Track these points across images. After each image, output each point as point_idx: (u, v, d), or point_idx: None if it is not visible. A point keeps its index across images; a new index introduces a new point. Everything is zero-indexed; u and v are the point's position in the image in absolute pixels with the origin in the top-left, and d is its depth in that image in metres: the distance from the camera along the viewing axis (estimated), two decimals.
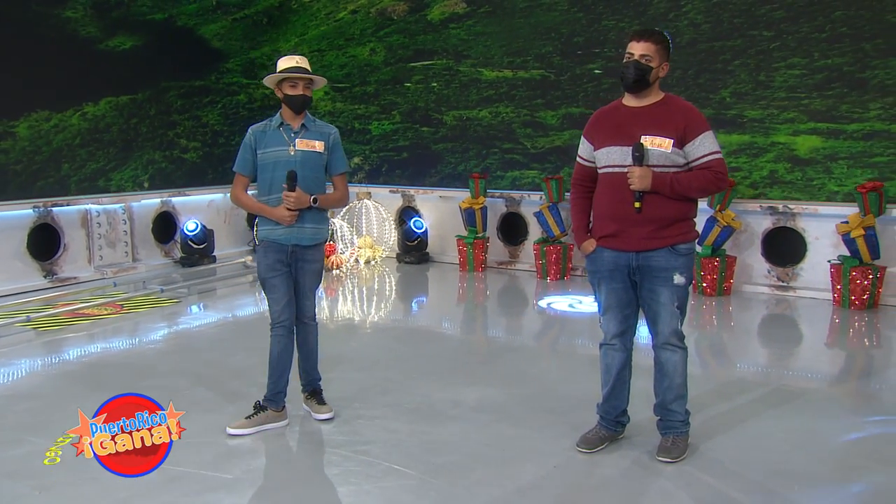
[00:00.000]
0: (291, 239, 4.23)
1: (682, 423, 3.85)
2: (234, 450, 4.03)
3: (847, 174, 7.25)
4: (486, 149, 9.19)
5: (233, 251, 10.26)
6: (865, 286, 6.83)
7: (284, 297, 4.27)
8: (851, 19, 7.08)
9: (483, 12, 9.36)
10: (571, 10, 8.67)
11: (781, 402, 4.62)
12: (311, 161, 4.25)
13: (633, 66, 3.63)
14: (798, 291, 7.49)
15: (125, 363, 5.66)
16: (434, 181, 9.67)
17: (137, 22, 9.45)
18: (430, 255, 9.73)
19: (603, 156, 3.75)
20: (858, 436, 4.15)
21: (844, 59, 7.13)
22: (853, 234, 6.78)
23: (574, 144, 8.24)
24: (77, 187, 8.80)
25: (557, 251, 8.40)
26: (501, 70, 9.13)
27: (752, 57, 7.61)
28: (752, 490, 3.47)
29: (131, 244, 9.30)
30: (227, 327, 6.92)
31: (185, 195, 9.92)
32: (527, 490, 3.55)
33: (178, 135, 9.16)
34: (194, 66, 10.08)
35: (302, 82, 4.21)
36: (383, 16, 10.13)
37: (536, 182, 8.80)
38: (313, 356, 4.48)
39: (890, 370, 5.54)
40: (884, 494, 3.45)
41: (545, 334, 6.86)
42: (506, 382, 5.03)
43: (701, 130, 3.63)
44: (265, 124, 4.32)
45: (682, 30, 7.88)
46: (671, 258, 3.65)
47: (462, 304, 8.14)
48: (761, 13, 7.55)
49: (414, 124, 9.85)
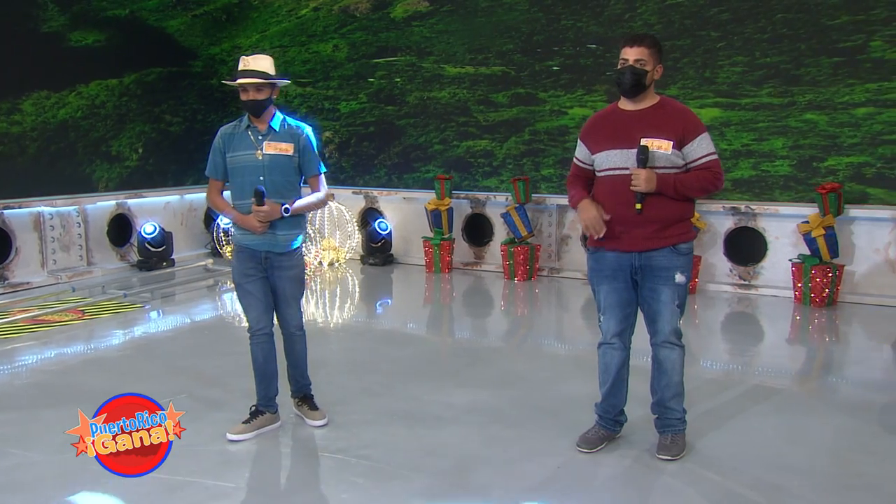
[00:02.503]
0: (264, 246, 4.09)
1: (680, 420, 3.92)
2: (232, 457, 3.94)
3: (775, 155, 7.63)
4: (444, 123, 9.44)
5: (191, 254, 10.06)
6: (825, 284, 7.08)
7: (260, 303, 4.15)
8: (790, 21, 7.49)
9: (445, 11, 9.51)
10: (532, 9, 8.90)
11: (762, 399, 4.75)
12: (280, 165, 4.07)
13: (630, 71, 3.69)
14: (759, 290, 7.72)
15: (98, 371, 5.48)
16: (398, 150, 9.81)
17: (100, 18, 9.43)
18: (394, 257, 9.70)
19: (602, 159, 3.80)
20: (843, 429, 4.30)
21: (782, 57, 7.54)
22: (814, 234, 7.02)
23: (521, 118, 8.73)
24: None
25: (525, 252, 8.46)
26: (464, 66, 9.32)
27: (700, 55, 7.95)
28: (757, 485, 3.57)
29: (86, 247, 9.02)
30: (197, 332, 6.76)
31: (142, 197, 9.66)
32: (534, 491, 3.57)
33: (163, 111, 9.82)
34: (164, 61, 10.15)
35: (252, 87, 3.99)
36: (346, 13, 10.19)
37: (488, 150, 9.12)
38: (301, 364, 4.36)
39: (856, 366, 5.74)
40: (879, 485, 3.58)
41: (524, 334, 6.90)
42: (495, 383, 5.05)
43: (699, 132, 3.71)
44: (234, 125, 4.16)
45: (636, 29, 8.19)
46: (673, 257, 3.72)
47: (435, 305, 8.13)
48: (710, 15, 7.89)
49: (379, 103, 9.98)
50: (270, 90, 4.05)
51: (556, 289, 8.29)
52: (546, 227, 8.84)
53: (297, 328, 4.26)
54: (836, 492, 3.52)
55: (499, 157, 9.09)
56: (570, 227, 8.72)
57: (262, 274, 4.14)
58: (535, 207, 8.75)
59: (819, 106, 7.38)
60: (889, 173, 7.15)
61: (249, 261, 4.12)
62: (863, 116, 7.20)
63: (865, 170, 7.25)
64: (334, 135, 10.39)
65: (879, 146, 7.17)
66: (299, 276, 4.22)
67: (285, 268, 4.14)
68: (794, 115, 7.50)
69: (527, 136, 8.85)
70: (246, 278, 4.13)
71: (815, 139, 7.42)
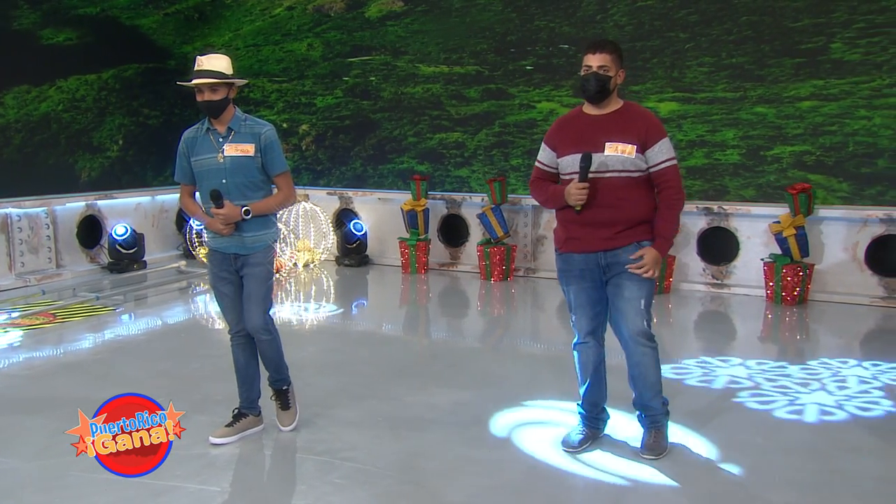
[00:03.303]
0: (231, 248, 4.04)
1: (662, 415, 3.97)
2: (215, 460, 3.91)
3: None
4: (418, 116, 9.52)
5: (163, 255, 9.93)
6: (796, 283, 7.22)
7: (238, 304, 4.11)
8: (755, 24, 7.70)
9: (420, 11, 9.56)
10: (505, 10, 9.01)
11: (737, 397, 4.82)
12: (242, 167, 3.97)
13: (594, 77, 3.75)
14: (732, 289, 7.85)
15: (73, 375, 5.39)
16: (373, 142, 9.85)
17: (71, 16, 9.35)
18: (369, 258, 9.67)
19: (568, 163, 3.83)
20: (818, 426, 4.39)
21: (746, 58, 7.74)
22: (785, 234, 7.15)
23: (491, 112, 8.90)
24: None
25: (501, 252, 8.50)
26: (438, 65, 9.40)
27: (669, 56, 8.11)
28: (740, 481, 3.63)
29: (55, 250, 8.86)
30: (173, 335, 6.69)
31: (112, 198, 9.52)
32: (522, 492, 3.59)
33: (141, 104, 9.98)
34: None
35: (207, 87, 3.90)
36: (320, 12, 10.21)
37: (460, 141, 9.23)
38: (272, 364, 4.18)
39: (828, 363, 5.86)
40: (858, 481, 3.66)
41: (504, 335, 6.92)
42: (476, 384, 5.07)
43: (660, 137, 3.77)
44: (196, 129, 4.08)
45: (607, 30, 8.36)
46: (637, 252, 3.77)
47: (412, 306, 8.13)
48: (678, 17, 8.06)
49: (355, 98, 10.01)
50: (227, 90, 3.96)
51: (533, 289, 8.34)
52: (522, 227, 8.89)
53: (261, 330, 4.06)
54: (817, 487, 3.59)
55: (470, 149, 9.20)
56: (546, 228, 8.77)
57: (235, 276, 4.09)
58: (510, 208, 8.80)
59: (768, 100, 7.65)
60: (827, 160, 7.44)
61: (222, 263, 4.09)
62: (807, 109, 7.49)
63: (807, 158, 7.52)
64: (311, 128, 10.40)
65: (820, 136, 7.45)
66: (264, 273, 4.06)
67: (251, 264, 4.04)
68: (745, 109, 7.76)
69: (497, 128, 8.99)
70: (220, 281, 4.11)
71: (763, 130, 7.70)
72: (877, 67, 7.16)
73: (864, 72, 7.22)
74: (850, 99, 7.26)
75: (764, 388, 5.05)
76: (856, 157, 7.29)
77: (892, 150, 7.13)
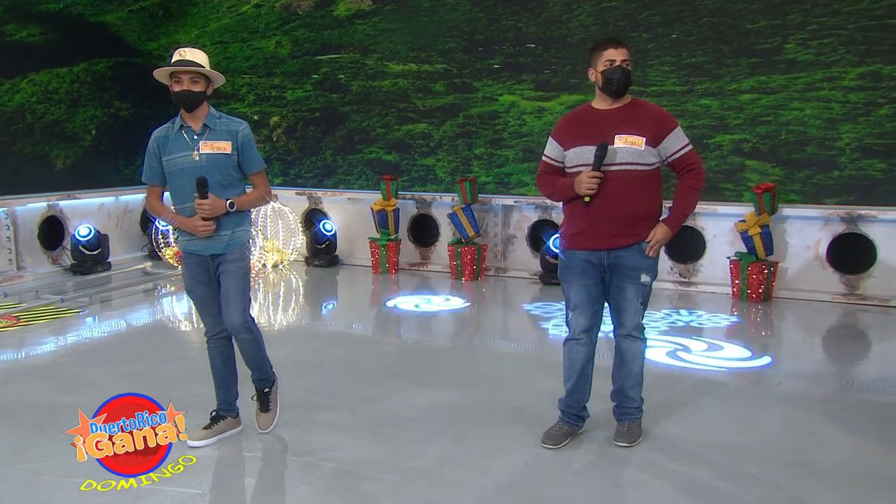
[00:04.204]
0: (208, 249, 3.96)
1: (637, 409, 4.07)
2: (196, 463, 3.85)
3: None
4: (386, 109, 9.62)
5: (127, 257, 9.77)
6: (761, 280, 7.37)
7: (214, 307, 4.05)
8: (715, 25, 7.94)
9: (388, 10, 9.59)
10: (473, 10, 9.11)
11: (709, 392, 4.91)
12: (218, 164, 3.90)
13: (621, 70, 3.82)
14: (699, 286, 7.99)
15: (40, 379, 5.26)
16: (343, 133, 9.92)
17: (33, 13, 9.21)
18: (339, 258, 9.63)
19: (576, 155, 3.87)
20: (790, 420, 4.50)
21: (706, 57, 7.96)
22: (751, 232, 7.30)
23: (456, 104, 9.05)
24: None
25: (472, 252, 8.53)
26: (407, 63, 9.46)
27: (632, 55, 8.14)
28: (719, 475, 3.70)
29: (15, 251, 8.67)
30: (143, 337, 6.59)
31: (75, 198, 9.33)
32: (505, 488, 3.61)
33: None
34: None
35: (187, 77, 3.82)
36: (288, 10, 10.19)
37: (426, 132, 9.34)
38: (254, 363, 4.12)
39: (793, 359, 6.01)
40: (830, 472, 3.76)
41: (478, 334, 6.94)
42: (454, 383, 5.08)
43: (673, 126, 3.87)
44: (167, 128, 3.98)
45: (573, 30, 8.52)
46: (640, 258, 3.84)
47: (384, 306, 8.11)
48: (641, 17, 8.25)
49: (324, 91, 10.03)
50: (206, 84, 3.90)
51: (503, 288, 8.39)
52: (492, 227, 8.94)
53: (242, 329, 3.98)
54: (792, 479, 3.67)
55: (435, 139, 9.33)
56: (516, 227, 8.83)
57: (212, 278, 4.03)
58: (481, 208, 8.83)
59: (712, 93, 7.92)
60: (762, 147, 7.74)
61: (198, 266, 4.01)
62: (746, 101, 7.78)
63: (744, 145, 7.82)
64: (282, 120, 10.38)
65: (757, 126, 7.75)
66: (240, 269, 4.00)
67: (228, 261, 3.97)
68: (691, 101, 8.02)
69: (461, 119, 9.14)
70: (196, 284, 4.04)
71: (707, 120, 7.98)
72: (826, 67, 7.44)
73: (803, 68, 7.53)
74: (786, 92, 7.61)
75: (730, 383, 5.16)
76: (787, 145, 7.65)
77: (819, 138, 7.50)
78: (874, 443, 4.08)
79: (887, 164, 7.21)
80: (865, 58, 7.22)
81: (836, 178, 7.41)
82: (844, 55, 7.33)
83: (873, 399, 4.91)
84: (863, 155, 7.29)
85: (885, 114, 7.18)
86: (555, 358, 4.34)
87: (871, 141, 7.24)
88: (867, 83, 7.24)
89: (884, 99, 7.18)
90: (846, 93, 7.32)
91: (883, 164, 7.22)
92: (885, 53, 7.15)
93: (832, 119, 7.39)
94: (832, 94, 7.38)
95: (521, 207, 8.77)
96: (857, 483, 3.65)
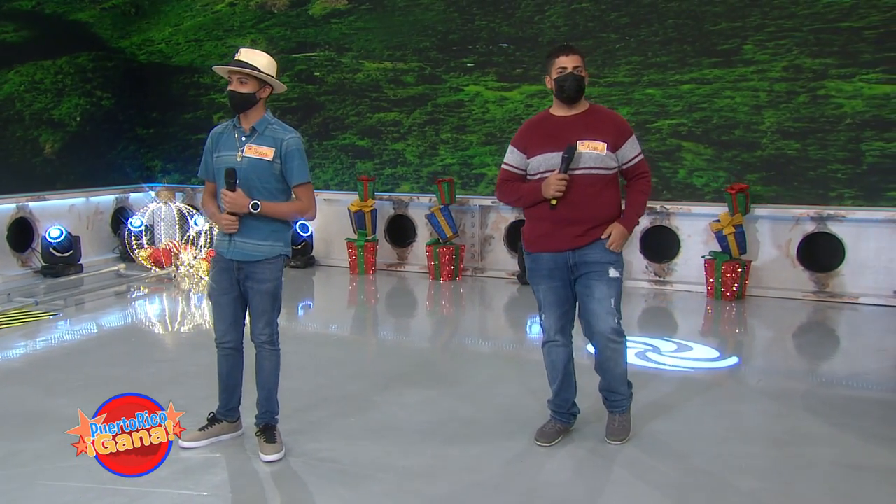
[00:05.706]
0: (230, 253, 3.88)
1: (626, 398, 4.14)
2: (191, 465, 3.84)
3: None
4: (359, 98, 9.76)
5: (99, 259, 9.62)
6: (735, 279, 7.54)
7: (229, 315, 3.97)
8: (679, 27, 8.22)
9: (364, 9, 9.67)
10: (448, 10, 9.23)
11: (692, 390, 5.01)
12: (258, 170, 3.81)
13: (573, 78, 3.88)
14: (674, 285, 8.13)
15: (24, 384, 5.17)
16: (318, 121, 10.01)
17: (4, 10, 9.21)
18: (315, 259, 9.60)
19: (539, 162, 3.92)
20: (773, 415, 4.62)
21: (670, 57, 8.24)
22: (725, 232, 7.46)
23: (425, 94, 9.28)
24: None
25: (450, 252, 8.57)
26: (382, 62, 9.56)
27: (600, 55, 8.52)
28: (708, 469, 3.79)
29: None
30: (123, 340, 6.50)
31: (45, 199, 9.17)
32: (502, 486, 3.66)
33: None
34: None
35: (236, 77, 3.82)
36: (263, 9, 10.20)
37: (397, 120, 9.54)
38: (268, 386, 4.00)
39: (768, 355, 6.16)
40: (817, 464, 3.88)
41: (462, 334, 6.98)
42: (442, 383, 5.12)
43: (628, 135, 3.97)
44: (225, 125, 3.99)
45: (544, 31, 8.72)
46: (605, 252, 3.88)
47: (363, 307, 8.11)
48: (610, 19, 8.48)
49: (301, 83, 10.08)
50: (257, 87, 3.85)
51: (481, 288, 8.45)
52: (469, 227, 8.99)
53: (266, 343, 3.95)
54: (780, 473, 3.78)
55: (406, 125, 9.52)
56: (493, 228, 8.91)
57: (234, 289, 3.93)
58: (458, 208, 8.88)
59: (657, 84, 8.25)
60: (696, 130, 8.11)
61: (223, 272, 3.93)
62: (686, 91, 8.16)
63: (680, 128, 8.16)
64: None
65: (694, 112, 8.10)
66: (271, 290, 3.89)
67: (256, 280, 3.86)
68: (638, 91, 8.34)
69: (429, 108, 9.36)
70: (217, 288, 3.96)
71: (651, 108, 8.33)
72: (768, 64, 7.83)
73: (737, 62, 7.92)
74: (720, 83, 8.01)
75: (710, 380, 5.28)
76: (719, 128, 8.04)
77: (746, 123, 7.92)
78: (855, 436, 4.21)
79: (801, 144, 7.67)
80: (818, 57, 7.58)
81: (759, 157, 7.86)
82: (798, 56, 7.69)
83: (846, 394, 5.07)
84: (781, 137, 7.77)
85: (801, 101, 7.67)
86: (538, 357, 4.37)
87: (790, 125, 7.72)
88: (790, 74, 7.71)
89: (802, 88, 7.67)
90: (772, 83, 7.80)
91: (798, 144, 7.68)
92: (835, 54, 7.51)
93: (758, 105, 7.86)
94: (759, 84, 7.85)
95: (498, 208, 8.84)
96: (843, 475, 3.76)
